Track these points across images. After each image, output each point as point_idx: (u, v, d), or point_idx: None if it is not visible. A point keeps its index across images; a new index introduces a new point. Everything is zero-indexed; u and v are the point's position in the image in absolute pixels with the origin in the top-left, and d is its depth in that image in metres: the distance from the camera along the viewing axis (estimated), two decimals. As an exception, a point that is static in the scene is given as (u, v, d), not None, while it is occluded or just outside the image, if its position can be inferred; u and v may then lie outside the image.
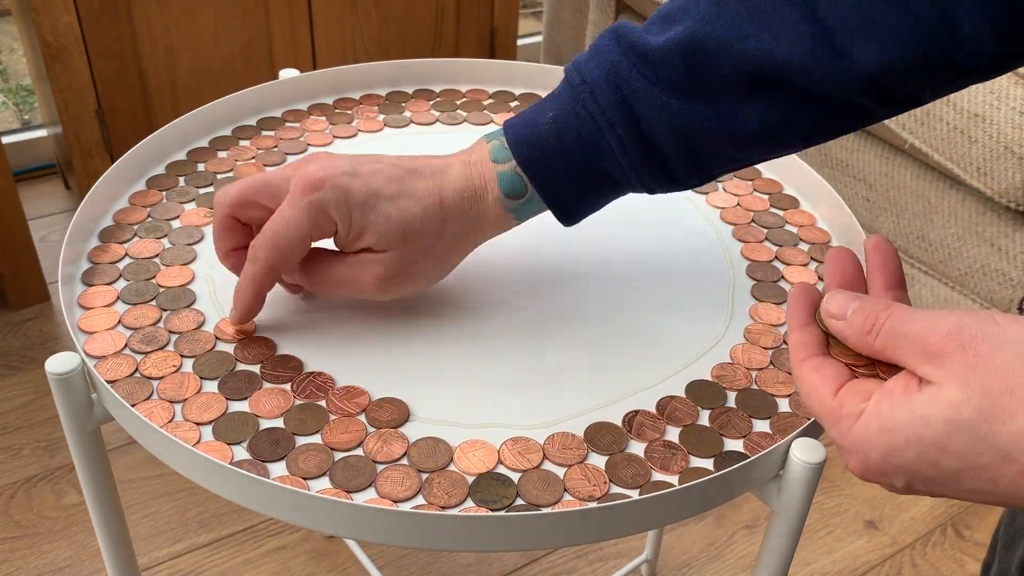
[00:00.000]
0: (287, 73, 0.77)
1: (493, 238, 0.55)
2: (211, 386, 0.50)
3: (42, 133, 1.74)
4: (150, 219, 0.63)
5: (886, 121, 1.19)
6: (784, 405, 0.52)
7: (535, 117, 0.51)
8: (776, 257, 0.63)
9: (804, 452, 0.46)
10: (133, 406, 0.48)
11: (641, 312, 0.57)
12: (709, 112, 0.48)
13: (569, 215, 0.53)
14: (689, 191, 0.70)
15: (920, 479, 0.37)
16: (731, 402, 0.51)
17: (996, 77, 0.46)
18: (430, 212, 0.51)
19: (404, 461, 0.47)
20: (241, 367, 0.52)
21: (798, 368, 0.42)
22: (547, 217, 0.54)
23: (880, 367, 0.40)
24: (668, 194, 0.57)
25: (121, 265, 0.59)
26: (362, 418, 0.49)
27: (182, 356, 0.52)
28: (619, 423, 0.50)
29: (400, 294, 0.53)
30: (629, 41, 0.49)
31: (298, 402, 0.50)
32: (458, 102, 0.80)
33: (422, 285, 0.54)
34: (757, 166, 0.73)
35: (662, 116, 0.48)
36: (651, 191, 0.52)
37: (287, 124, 0.75)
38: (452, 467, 0.47)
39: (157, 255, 0.60)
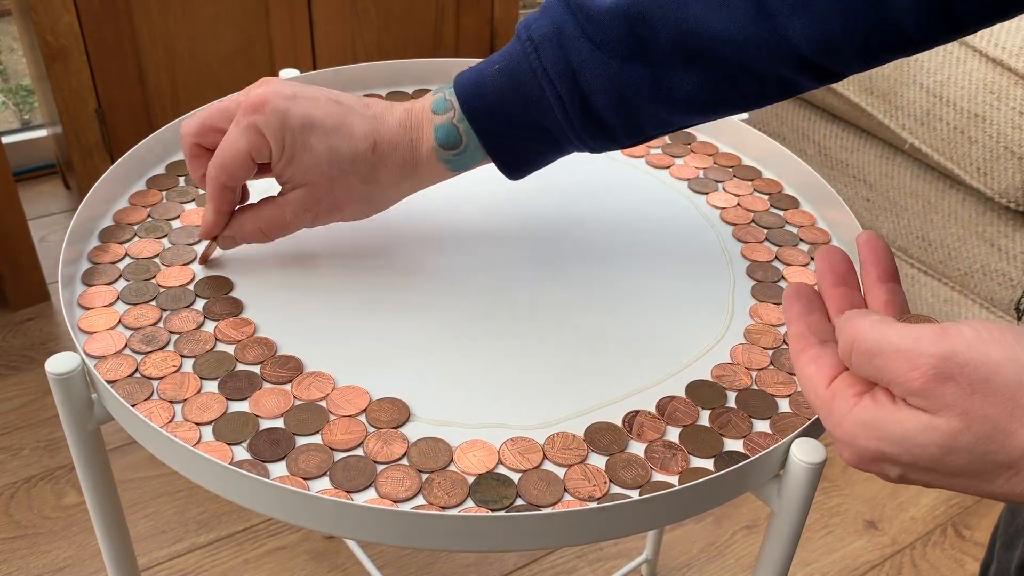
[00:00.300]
0: (287, 73, 0.77)
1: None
2: (211, 386, 0.50)
3: (42, 133, 1.74)
4: (150, 219, 0.63)
5: (886, 121, 1.19)
6: (784, 405, 0.52)
7: (483, 69, 0.53)
8: (776, 257, 0.63)
9: (804, 452, 0.46)
10: (133, 406, 0.48)
11: (641, 312, 0.57)
12: (646, 77, 0.50)
13: (511, 167, 0.55)
14: (691, 193, 0.70)
15: (915, 473, 0.37)
16: (731, 402, 0.51)
17: (923, 52, 0.48)
18: (360, 155, 0.53)
19: (404, 461, 0.47)
20: (241, 367, 0.52)
21: (795, 359, 0.42)
22: (547, 218, 0.54)
23: None
24: (664, 197, 0.58)
25: (121, 265, 0.59)
26: (362, 418, 0.49)
27: (182, 356, 0.52)
28: (619, 423, 0.50)
29: (325, 223, 0.57)
30: (578, 2, 0.50)
31: (298, 402, 0.50)
32: (458, 102, 0.80)
33: (350, 217, 0.57)
34: (757, 167, 0.73)
35: (602, 77, 0.50)
36: (591, 149, 0.54)
37: (287, 124, 0.75)
38: (452, 467, 0.47)
39: (157, 255, 0.60)
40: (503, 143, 0.54)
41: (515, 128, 0.53)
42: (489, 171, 0.72)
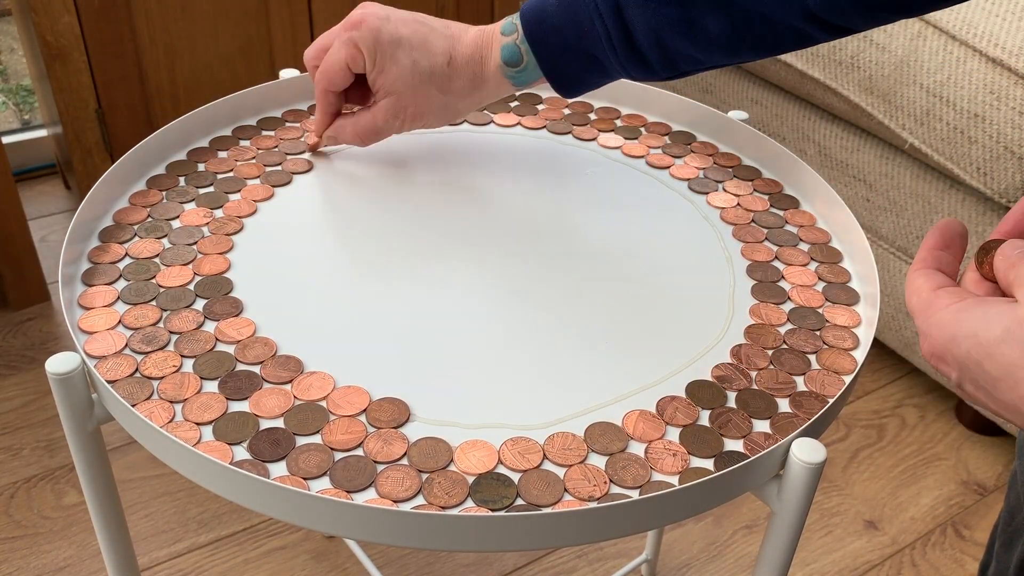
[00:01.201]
0: (287, 73, 0.77)
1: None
2: (211, 386, 0.50)
3: (42, 133, 1.74)
4: (150, 219, 0.63)
5: (886, 121, 1.19)
6: (784, 405, 0.52)
7: (546, 4, 0.61)
8: (776, 257, 0.63)
9: (804, 452, 0.46)
10: (133, 406, 0.48)
11: (641, 312, 0.57)
12: (679, 17, 0.56)
13: (563, 86, 0.63)
14: (691, 193, 0.70)
15: (969, 378, 0.39)
16: (731, 402, 0.52)
17: (927, 13, 0.51)
18: (438, 68, 0.63)
19: (404, 461, 0.47)
20: (241, 367, 0.52)
21: (911, 275, 0.44)
22: (548, 218, 0.54)
23: None
24: (664, 197, 0.60)
25: (121, 265, 0.59)
26: (362, 418, 0.49)
27: (182, 356, 0.52)
28: (619, 423, 0.50)
29: (410, 128, 0.66)
30: None
31: (298, 402, 0.50)
32: (458, 102, 0.80)
33: (431, 124, 0.67)
34: (757, 167, 0.73)
35: (643, 16, 0.57)
36: (632, 78, 0.61)
37: (287, 124, 0.75)
38: (452, 467, 0.47)
39: (157, 255, 0.60)
40: (558, 65, 0.62)
41: (569, 53, 0.60)
42: (490, 171, 0.72)
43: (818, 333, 0.57)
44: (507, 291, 0.58)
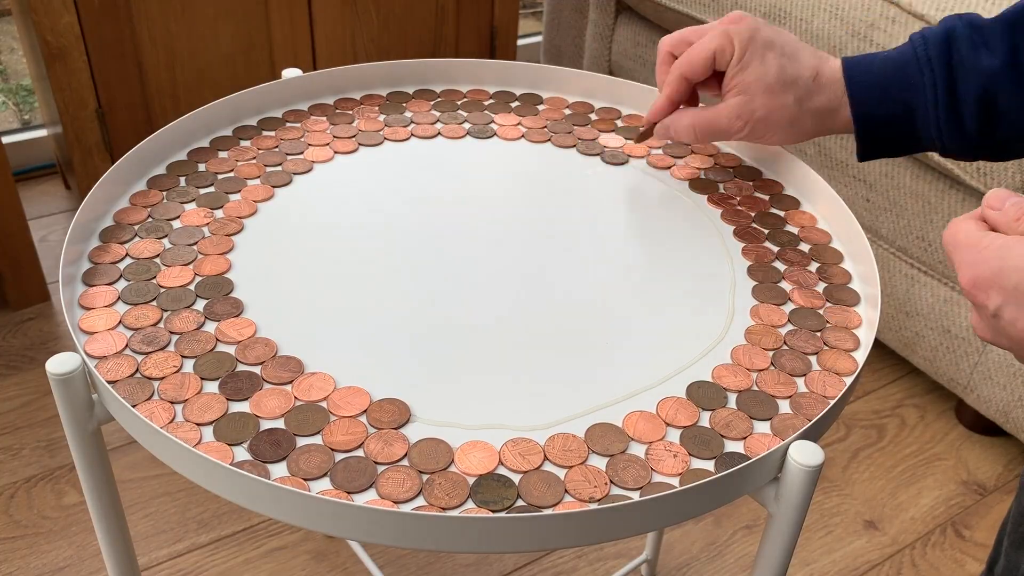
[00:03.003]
0: (290, 73, 0.77)
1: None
2: (212, 387, 0.50)
3: (42, 133, 1.74)
4: (150, 219, 0.63)
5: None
6: (785, 406, 0.52)
7: (874, 57, 0.62)
8: (777, 257, 0.63)
9: (802, 455, 0.46)
10: (134, 407, 0.48)
11: (642, 313, 0.57)
12: (1011, 74, 0.57)
13: (866, 141, 0.63)
14: (692, 193, 0.70)
15: (1011, 306, 0.42)
16: (732, 403, 0.51)
17: None
18: (803, 78, 0.62)
19: (405, 462, 0.47)
20: (242, 367, 0.52)
21: (960, 220, 0.46)
22: (549, 219, 0.54)
23: None
24: (665, 197, 0.60)
25: (122, 265, 0.59)
26: (363, 419, 0.49)
27: (183, 356, 0.52)
28: (619, 424, 0.50)
29: (752, 136, 0.65)
30: (967, 18, 0.60)
31: (299, 403, 0.50)
32: (459, 102, 0.80)
33: (771, 138, 0.65)
34: (758, 167, 0.73)
35: (974, 69, 0.58)
36: (941, 141, 0.61)
37: (288, 124, 0.75)
38: (453, 468, 0.47)
39: (157, 255, 0.60)
40: (869, 115, 0.62)
41: (884, 105, 0.61)
42: (491, 173, 0.72)
43: (819, 334, 0.57)
44: (508, 292, 0.58)
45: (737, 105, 0.63)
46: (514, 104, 0.80)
